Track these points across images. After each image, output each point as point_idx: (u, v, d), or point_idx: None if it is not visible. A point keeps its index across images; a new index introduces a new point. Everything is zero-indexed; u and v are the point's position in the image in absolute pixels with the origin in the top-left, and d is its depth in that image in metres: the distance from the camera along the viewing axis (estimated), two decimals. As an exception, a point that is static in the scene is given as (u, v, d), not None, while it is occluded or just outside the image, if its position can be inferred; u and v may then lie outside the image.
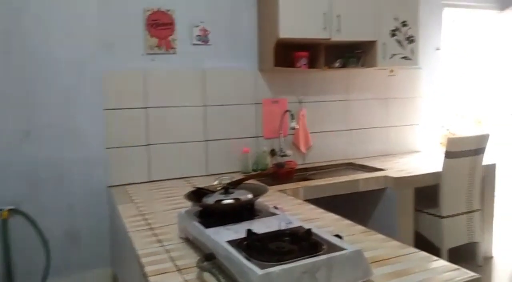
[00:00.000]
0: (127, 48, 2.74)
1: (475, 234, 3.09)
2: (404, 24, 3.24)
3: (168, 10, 2.81)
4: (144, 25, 2.76)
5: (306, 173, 3.15)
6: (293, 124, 3.03)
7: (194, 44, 2.92)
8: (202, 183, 2.37)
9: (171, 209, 2.09)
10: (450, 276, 1.21)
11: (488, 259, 3.30)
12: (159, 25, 2.80)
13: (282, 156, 3.16)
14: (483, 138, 3.01)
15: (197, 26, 2.91)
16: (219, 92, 3.01)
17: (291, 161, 3.16)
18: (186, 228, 1.54)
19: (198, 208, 1.59)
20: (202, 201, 1.53)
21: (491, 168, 3.26)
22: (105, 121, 2.71)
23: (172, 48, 2.85)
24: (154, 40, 2.79)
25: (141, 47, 2.78)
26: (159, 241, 1.61)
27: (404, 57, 3.29)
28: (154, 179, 2.86)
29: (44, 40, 2.54)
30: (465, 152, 2.93)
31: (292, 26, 2.82)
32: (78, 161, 2.66)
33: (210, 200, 1.52)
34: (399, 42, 3.24)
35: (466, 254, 3.15)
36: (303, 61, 3.09)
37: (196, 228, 1.43)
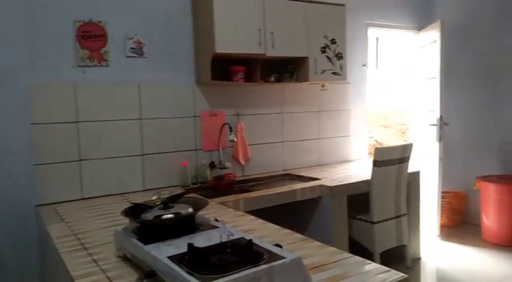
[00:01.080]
0: (57, 60, 2.62)
1: (403, 238, 3.30)
2: (333, 41, 3.43)
3: (99, 22, 2.73)
4: (74, 36, 2.66)
5: (245, 185, 3.19)
6: (232, 137, 3.06)
7: (128, 57, 2.86)
8: (139, 199, 2.31)
9: (106, 227, 2.01)
10: (382, 278, 1.29)
11: (416, 260, 3.53)
12: (91, 37, 2.71)
13: (222, 168, 3.18)
14: (407, 148, 3.25)
15: (131, 38, 2.86)
16: (156, 105, 2.97)
17: (230, 173, 3.18)
18: (124, 245, 1.50)
19: (136, 225, 1.55)
20: (140, 217, 1.50)
21: (415, 175, 3.51)
22: (33, 136, 2.55)
23: (105, 60, 2.77)
24: (85, 52, 2.70)
25: (71, 59, 2.67)
26: (95, 261, 1.54)
27: (334, 73, 3.47)
28: (87, 196, 2.73)
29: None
30: (391, 161, 3.13)
31: (228, 41, 2.87)
32: (1, 179, 2.47)
33: (149, 215, 1.49)
34: (329, 58, 3.42)
35: (396, 257, 3.35)
36: (240, 75, 3.15)
37: (135, 245, 1.39)
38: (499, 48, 4.18)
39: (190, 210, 1.53)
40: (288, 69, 3.42)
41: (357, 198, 3.10)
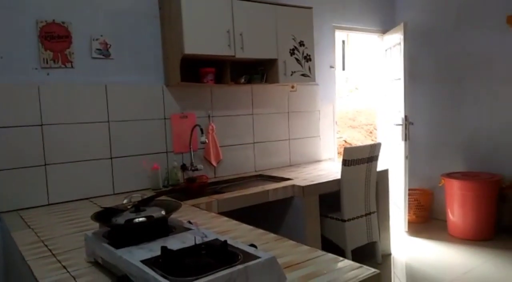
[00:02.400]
0: (19, 61, 2.52)
1: (373, 234, 3.37)
2: (301, 44, 3.48)
3: (63, 23, 2.66)
4: (37, 37, 2.57)
5: (218, 186, 3.17)
6: (203, 138, 3.04)
7: (94, 58, 2.79)
8: (109, 203, 2.26)
9: (75, 232, 1.95)
10: (354, 274, 1.31)
11: (387, 256, 3.62)
12: (54, 38, 2.63)
13: (193, 170, 3.15)
14: (376, 147, 3.33)
15: (97, 39, 2.79)
16: (124, 107, 2.91)
17: (202, 175, 3.16)
18: (95, 250, 1.46)
19: (107, 229, 1.51)
20: (111, 221, 1.46)
21: (384, 173, 3.60)
22: (-6, 141, 2.44)
23: (69, 61, 2.69)
24: (49, 54, 2.62)
25: (35, 60, 2.58)
26: (64, 267, 1.49)
27: (303, 74, 3.52)
28: (54, 202, 2.65)
29: None
30: (360, 160, 3.20)
31: (197, 42, 2.85)
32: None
33: (120, 219, 1.45)
34: (297, 60, 3.47)
35: (367, 253, 3.42)
36: (210, 76, 3.13)
37: (106, 250, 1.36)
38: (461, 50, 4.35)
39: (163, 212, 1.51)
40: (258, 71, 3.44)
41: (328, 197, 3.15)
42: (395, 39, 4.25)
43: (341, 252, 3.10)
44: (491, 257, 3.52)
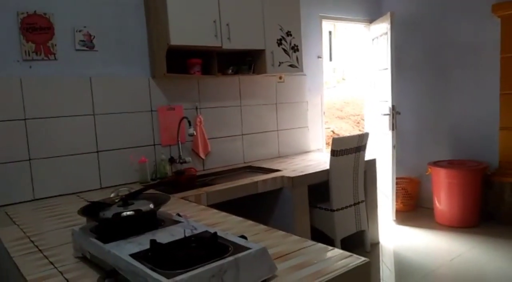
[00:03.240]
0: (0, 54, 2.46)
1: (362, 223, 3.41)
2: (288, 34, 3.46)
3: (45, 14, 2.59)
4: (18, 29, 2.50)
5: (207, 179, 3.16)
6: (191, 131, 3.01)
7: (78, 50, 2.74)
8: (96, 197, 2.22)
9: (62, 228, 1.92)
10: (345, 263, 1.32)
11: (375, 245, 3.66)
12: (36, 30, 2.56)
13: (182, 163, 3.13)
14: (363, 137, 3.34)
15: (80, 30, 2.73)
16: (109, 100, 2.87)
17: (191, 168, 3.14)
18: (82, 245, 1.44)
19: (94, 224, 1.49)
20: (99, 215, 1.44)
21: (372, 163, 3.63)
22: (-24, 136, 2.39)
23: (52, 53, 2.63)
24: (31, 46, 2.55)
25: (16, 53, 2.52)
26: (52, 263, 1.47)
27: (291, 65, 3.50)
28: (40, 197, 2.60)
29: None
30: (348, 150, 3.22)
31: (183, 33, 2.81)
32: None
33: (107, 213, 1.43)
34: (285, 50, 3.45)
35: (356, 242, 3.46)
36: (197, 68, 3.10)
37: (94, 244, 1.34)
38: (447, 39, 4.38)
39: (151, 206, 1.49)
40: (245, 61, 3.41)
41: (317, 187, 3.16)
42: (382, 28, 4.26)
43: (330, 242, 3.12)
44: (477, 244, 3.58)
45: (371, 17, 4.68)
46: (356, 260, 1.33)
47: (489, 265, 3.18)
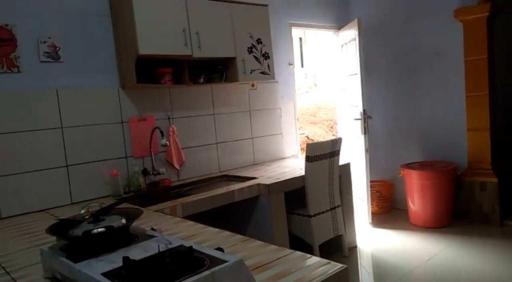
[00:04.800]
0: (-42, 67, 2.35)
1: (339, 228, 3.42)
2: (259, 41, 3.46)
3: (6, 25, 2.50)
4: (-21, 41, 2.41)
5: (182, 189, 3.11)
6: (164, 141, 2.96)
7: (43, 62, 2.65)
8: (67, 213, 2.15)
9: (31, 247, 1.84)
10: (323, 270, 1.31)
11: (353, 248, 3.68)
12: (-3, 42, 2.47)
13: (155, 174, 3.07)
14: (337, 142, 3.37)
15: (45, 42, 2.65)
16: (78, 112, 2.79)
17: (165, 179, 3.08)
18: (52, 265, 1.37)
19: (64, 242, 1.43)
20: (68, 234, 1.38)
21: (346, 167, 3.66)
22: None
23: (15, 66, 2.54)
24: (-7, 58, 2.46)
25: (-23, 66, 2.41)
26: (19, 286, 1.40)
27: (262, 72, 3.51)
28: (7, 216, 2.49)
29: None
30: (322, 155, 3.24)
31: (152, 42, 2.77)
32: None
33: (77, 231, 1.37)
34: (256, 58, 3.45)
35: (333, 247, 3.46)
36: (168, 77, 3.06)
37: (64, 264, 1.28)
38: (412, 43, 4.50)
39: (123, 221, 1.44)
40: (217, 70, 3.39)
41: (294, 194, 3.16)
42: (350, 35, 4.33)
43: (309, 248, 3.12)
44: (451, 243, 3.66)
45: (340, 24, 4.76)
46: (334, 267, 1.32)
47: (464, 264, 3.25)
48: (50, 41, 2.67)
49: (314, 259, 1.41)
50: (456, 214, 4.17)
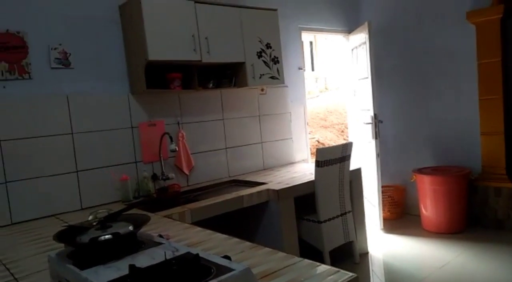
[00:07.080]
0: (-30, 74, 2.38)
1: (350, 234, 3.37)
2: (268, 46, 3.45)
3: (18, 32, 2.53)
4: (-9, 48, 2.44)
5: (191, 195, 3.10)
6: (173, 146, 2.96)
7: (54, 68, 2.68)
8: (77, 219, 2.15)
9: (40, 253, 1.84)
10: (332, 279, 1.28)
11: (364, 255, 3.63)
12: (9, 49, 2.50)
13: (165, 179, 3.07)
14: (347, 147, 3.34)
15: (55, 48, 2.68)
16: (88, 118, 2.80)
17: (174, 184, 3.08)
18: (59, 272, 1.37)
19: (72, 249, 1.42)
20: (75, 240, 1.38)
21: (357, 172, 3.62)
22: None
23: (27, 72, 2.57)
24: (4, 65, 2.49)
25: (-11, 73, 2.44)
26: (26, 293, 1.40)
27: (272, 77, 3.49)
28: (17, 221, 2.51)
29: None
30: (333, 160, 3.20)
31: (161, 48, 2.78)
32: None
33: (84, 238, 1.37)
34: (265, 63, 3.44)
35: (344, 253, 3.41)
36: (177, 82, 3.06)
37: (71, 271, 1.28)
38: (423, 46, 4.44)
39: (130, 228, 1.43)
40: (226, 75, 3.39)
41: (304, 199, 3.13)
42: (361, 38, 4.30)
43: (319, 254, 3.09)
44: (465, 249, 3.59)
45: (350, 28, 4.73)
46: (344, 276, 1.29)
47: (478, 271, 3.17)
48: (60, 47, 2.70)
49: (323, 268, 1.38)
50: (470, 219, 4.09)
